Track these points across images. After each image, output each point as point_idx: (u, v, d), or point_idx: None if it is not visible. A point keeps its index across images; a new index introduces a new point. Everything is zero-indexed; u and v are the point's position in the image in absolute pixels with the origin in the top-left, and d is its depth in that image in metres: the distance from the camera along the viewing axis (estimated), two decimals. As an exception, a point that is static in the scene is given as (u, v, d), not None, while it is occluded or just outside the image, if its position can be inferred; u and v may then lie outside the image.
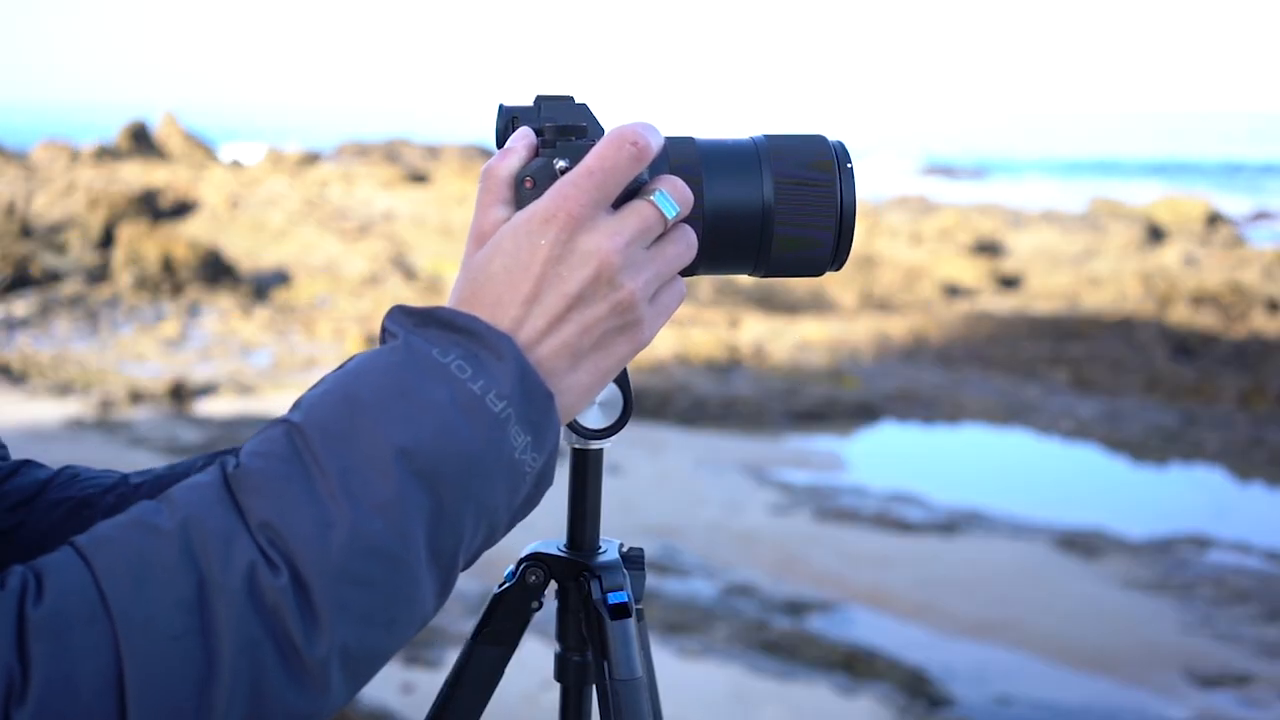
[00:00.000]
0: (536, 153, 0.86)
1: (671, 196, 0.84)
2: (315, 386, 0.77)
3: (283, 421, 0.75)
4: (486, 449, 0.75)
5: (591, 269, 0.80)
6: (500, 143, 0.89)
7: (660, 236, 0.84)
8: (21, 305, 12.46)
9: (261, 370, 10.16)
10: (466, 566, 0.79)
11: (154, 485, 1.04)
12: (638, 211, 0.82)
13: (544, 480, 0.80)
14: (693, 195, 0.85)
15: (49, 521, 1.05)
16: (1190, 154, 59.76)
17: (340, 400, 0.75)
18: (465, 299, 0.82)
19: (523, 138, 0.87)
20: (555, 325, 0.80)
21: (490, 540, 0.79)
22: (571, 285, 0.80)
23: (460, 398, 0.75)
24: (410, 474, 0.73)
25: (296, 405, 0.76)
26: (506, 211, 0.84)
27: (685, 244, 0.85)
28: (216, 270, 13.86)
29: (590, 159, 0.81)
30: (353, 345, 10.98)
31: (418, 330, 0.79)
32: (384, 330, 0.80)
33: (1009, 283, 14.80)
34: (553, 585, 1.05)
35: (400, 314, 0.80)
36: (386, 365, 0.76)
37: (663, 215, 0.83)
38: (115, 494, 1.05)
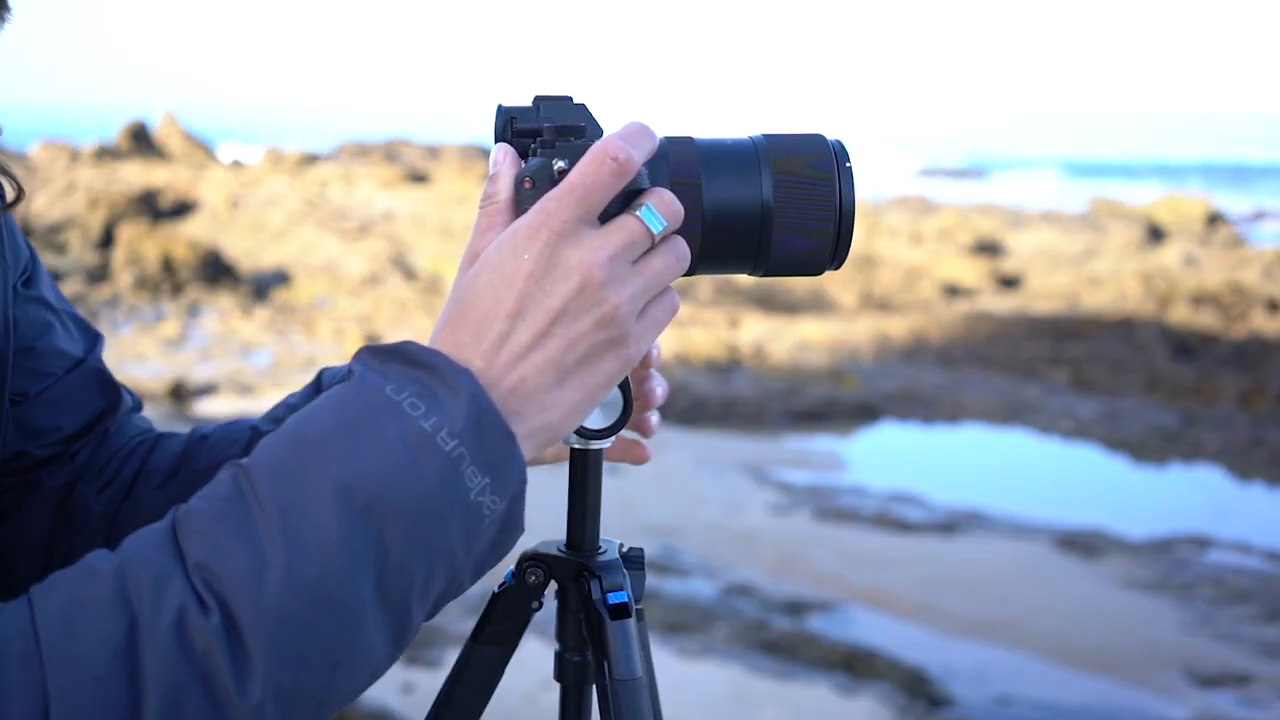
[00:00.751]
0: (531, 154, 0.86)
1: (658, 210, 0.83)
2: (278, 428, 0.77)
3: (233, 464, 0.74)
4: (437, 489, 0.73)
5: (574, 284, 0.79)
6: (499, 142, 0.89)
7: (649, 250, 0.83)
8: (21, 305, 12.45)
9: (261, 370, 10.16)
10: (430, 616, 0.77)
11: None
12: (623, 226, 0.82)
13: (510, 524, 0.78)
14: (683, 209, 0.85)
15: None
16: (1190, 154, 59.74)
17: (289, 439, 0.74)
18: (452, 316, 0.81)
19: (504, 157, 0.86)
20: (539, 340, 0.79)
21: (454, 587, 0.77)
22: (554, 300, 0.79)
23: (410, 435, 0.73)
24: (353, 513, 0.71)
25: (257, 447, 0.76)
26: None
27: (675, 257, 0.84)
28: (216, 270, 13.86)
29: (573, 174, 0.81)
30: (353, 345, 10.98)
31: (379, 367, 0.77)
32: (349, 370, 0.79)
33: (1009, 283, 14.80)
34: (553, 585, 1.05)
35: (366, 353, 0.79)
36: (338, 403, 0.75)
37: (649, 230, 0.82)
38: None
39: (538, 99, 0.89)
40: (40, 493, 1.09)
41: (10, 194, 0.99)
